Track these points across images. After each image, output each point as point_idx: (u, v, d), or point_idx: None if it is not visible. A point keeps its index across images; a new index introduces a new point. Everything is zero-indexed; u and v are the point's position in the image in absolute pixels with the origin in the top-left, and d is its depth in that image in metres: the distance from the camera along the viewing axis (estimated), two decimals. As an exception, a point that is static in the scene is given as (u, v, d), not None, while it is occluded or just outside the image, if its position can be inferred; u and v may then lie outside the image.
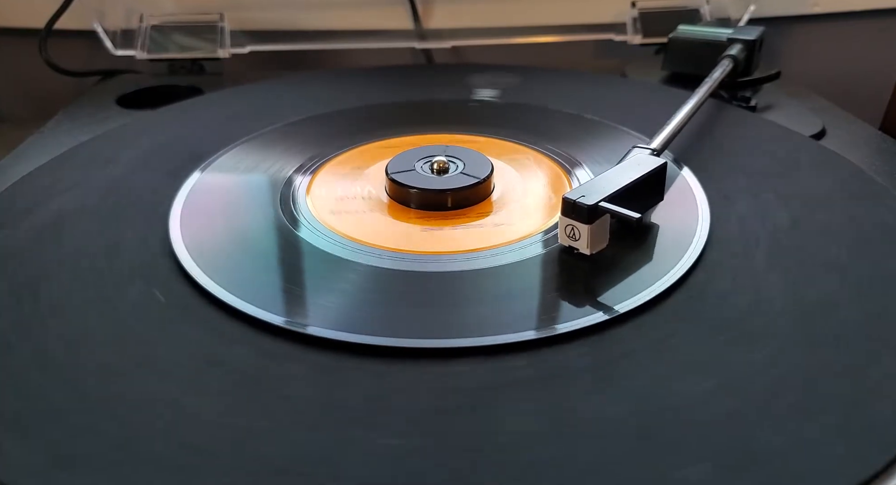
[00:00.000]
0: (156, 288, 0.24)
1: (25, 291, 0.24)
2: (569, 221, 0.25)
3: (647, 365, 0.20)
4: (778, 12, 0.57)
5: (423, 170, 0.30)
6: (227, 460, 0.17)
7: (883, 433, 0.18)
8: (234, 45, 0.52)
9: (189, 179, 0.31)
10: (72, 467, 0.17)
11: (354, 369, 0.20)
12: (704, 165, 0.32)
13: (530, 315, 0.22)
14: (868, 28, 0.59)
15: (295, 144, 0.35)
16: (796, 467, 0.17)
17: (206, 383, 0.20)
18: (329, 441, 0.18)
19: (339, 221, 0.28)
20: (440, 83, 0.45)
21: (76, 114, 0.43)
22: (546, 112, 0.39)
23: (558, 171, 0.32)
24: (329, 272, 0.25)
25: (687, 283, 0.24)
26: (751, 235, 0.26)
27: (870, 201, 0.29)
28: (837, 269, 0.24)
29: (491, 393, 0.19)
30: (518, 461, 0.17)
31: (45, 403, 0.19)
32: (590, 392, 0.19)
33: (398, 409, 0.19)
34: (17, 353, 0.21)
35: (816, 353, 0.21)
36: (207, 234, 0.27)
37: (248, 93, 0.43)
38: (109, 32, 0.52)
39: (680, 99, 0.34)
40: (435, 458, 0.17)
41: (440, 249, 0.26)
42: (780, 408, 0.19)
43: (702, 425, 0.18)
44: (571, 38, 0.55)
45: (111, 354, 0.21)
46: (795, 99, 0.43)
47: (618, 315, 0.22)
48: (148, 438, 0.18)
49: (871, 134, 0.39)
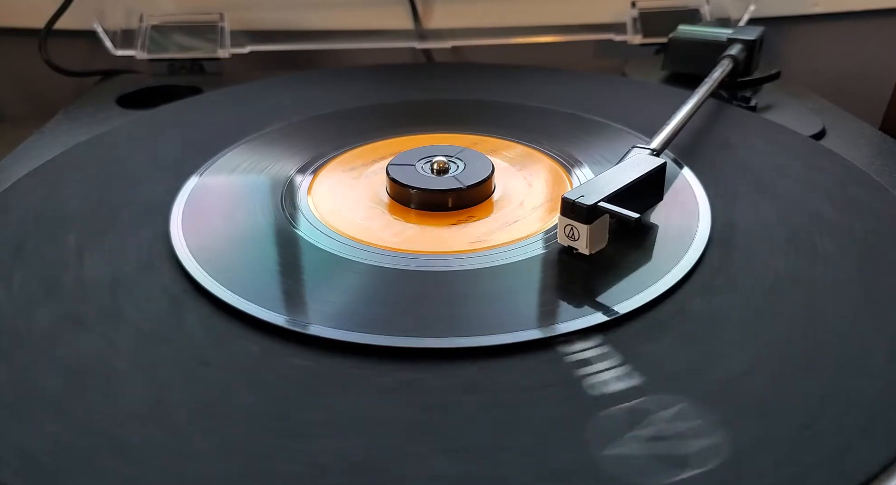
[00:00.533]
0: (155, 288, 0.24)
1: (25, 291, 0.24)
2: (568, 221, 0.25)
3: (646, 365, 0.20)
4: (778, 12, 0.57)
5: (424, 170, 0.30)
6: (227, 460, 0.17)
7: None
8: (234, 45, 0.52)
9: (189, 180, 0.31)
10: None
11: (354, 369, 0.20)
12: (704, 165, 0.32)
13: (529, 315, 0.22)
14: (868, 28, 0.59)
15: (295, 144, 0.35)
16: (797, 466, 0.17)
17: (206, 384, 0.20)
18: (328, 441, 0.18)
19: (340, 221, 0.28)
20: (440, 83, 0.45)
21: (76, 114, 0.43)
22: (546, 112, 0.39)
23: (558, 171, 0.32)
24: (330, 272, 0.25)
25: (687, 283, 0.24)
26: (751, 235, 0.26)
27: (870, 201, 0.29)
28: (837, 269, 0.24)
29: (491, 393, 0.19)
30: (518, 462, 0.17)
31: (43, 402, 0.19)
32: (590, 392, 0.19)
33: (398, 409, 0.19)
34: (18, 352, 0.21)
35: (817, 352, 0.21)
36: (208, 234, 0.27)
37: (248, 93, 0.43)
38: (109, 32, 0.52)
39: (680, 99, 0.34)
40: (435, 458, 0.17)
41: (440, 249, 0.26)
42: (781, 407, 0.19)
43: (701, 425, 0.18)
44: (571, 38, 0.55)
45: (111, 354, 0.21)
46: (795, 99, 0.43)
47: (617, 316, 0.22)
48: (148, 438, 0.18)
49: (871, 134, 0.39)
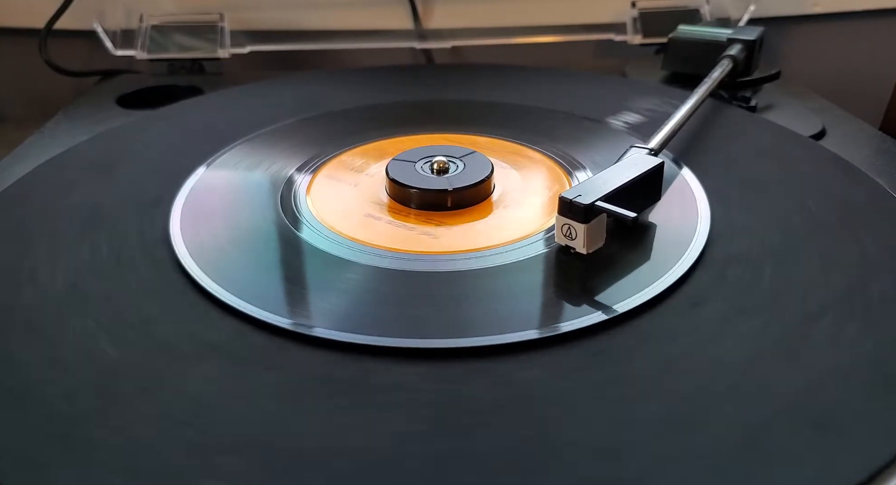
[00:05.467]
0: (155, 287, 0.24)
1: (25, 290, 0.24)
2: (565, 221, 0.25)
3: (646, 366, 0.20)
4: (778, 12, 0.57)
5: (423, 170, 0.30)
6: (225, 458, 0.17)
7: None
8: (234, 45, 0.52)
9: (189, 180, 0.31)
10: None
11: (354, 369, 0.20)
12: (704, 165, 0.32)
13: (528, 315, 0.22)
14: (868, 28, 0.59)
15: (295, 144, 0.35)
16: (797, 466, 0.17)
17: (206, 383, 0.20)
18: (329, 442, 0.18)
19: (340, 221, 0.28)
20: (440, 83, 0.45)
21: (76, 114, 0.43)
22: (546, 112, 0.39)
23: (558, 171, 0.32)
24: (329, 272, 0.25)
25: (686, 283, 0.24)
26: (750, 235, 0.26)
27: (869, 201, 0.29)
28: (837, 269, 0.24)
29: (490, 393, 0.19)
30: (518, 461, 0.17)
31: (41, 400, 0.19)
32: (589, 392, 0.19)
33: (398, 408, 0.19)
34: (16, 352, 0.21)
35: (815, 352, 0.21)
36: (208, 234, 0.27)
37: (248, 93, 0.43)
38: (109, 32, 0.52)
39: (680, 99, 0.34)
40: (435, 457, 0.17)
41: (440, 249, 0.26)
42: (780, 407, 0.19)
43: (701, 425, 0.18)
44: (571, 38, 0.55)
45: (111, 354, 0.21)
46: (795, 99, 0.43)
47: (616, 315, 0.22)
48: (148, 439, 0.18)
49: (871, 134, 0.39)
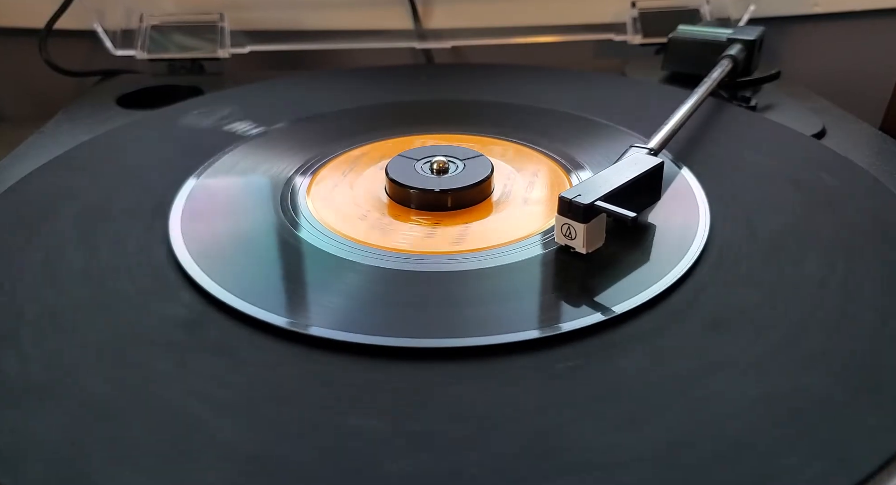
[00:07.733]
0: (155, 287, 0.24)
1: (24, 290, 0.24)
2: (565, 220, 0.25)
3: (645, 366, 0.20)
4: (778, 12, 0.57)
5: (423, 170, 0.30)
6: (225, 459, 0.17)
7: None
8: (234, 45, 0.52)
9: (189, 180, 0.31)
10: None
11: (355, 370, 0.20)
12: (704, 165, 0.32)
13: (529, 315, 0.22)
14: (868, 28, 0.59)
15: (295, 145, 0.35)
16: (799, 465, 0.17)
17: (206, 384, 0.20)
18: (329, 441, 0.18)
19: (340, 222, 0.28)
20: (440, 83, 0.45)
21: (76, 114, 0.43)
22: (546, 112, 0.39)
23: (558, 171, 0.32)
24: (329, 273, 0.25)
25: (686, 283, 0.24)
26: (749, 235, 0.26)
27: (869, 201, 0.29)
28: (838, 268, 0.24)
29: (490, 393, 0.19)
30: (518, 461, 0.17)
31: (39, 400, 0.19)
32: (589, 392, 0.19)
33: (398, 408, 0.19)
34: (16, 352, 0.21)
35: (815, 351, 0.21)
36: (207, 234, 0.27)
37: (248, 93, 0.43)
38: (109, 32, 0.52)
39: (680, 99, 0.34)
40: (434, 458, 0.17)
41: (440, 249, 0.26)
42: (780, 407, 0.19)
43: (700, 425, 0.18)
44: (571, 38, 0.55)
45: (110, 356, 0.21)
46: (795, 99, 0.43)
47: (615, 316, 0.22)
48: (149, 438, 0.18)
49: (871, 134, 0.39)
